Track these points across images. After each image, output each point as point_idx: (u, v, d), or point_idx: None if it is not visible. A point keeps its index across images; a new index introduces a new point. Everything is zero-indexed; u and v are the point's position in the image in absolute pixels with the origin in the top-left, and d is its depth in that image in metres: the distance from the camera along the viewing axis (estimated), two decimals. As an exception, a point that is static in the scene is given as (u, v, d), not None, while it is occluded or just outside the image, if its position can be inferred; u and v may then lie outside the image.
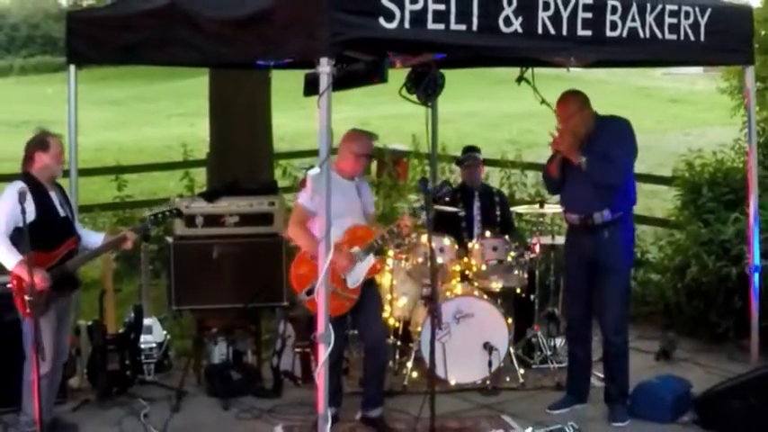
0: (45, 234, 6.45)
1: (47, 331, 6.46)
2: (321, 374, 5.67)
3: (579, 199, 7.02)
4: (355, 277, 6.74)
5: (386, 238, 6.93)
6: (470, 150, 9.02)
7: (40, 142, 6.64)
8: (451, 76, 8.20)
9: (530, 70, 7.62)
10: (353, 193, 6.90)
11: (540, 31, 6.10)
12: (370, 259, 6.84)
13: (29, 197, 6.27)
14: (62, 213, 6.68)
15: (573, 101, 6.97)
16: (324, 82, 5.44)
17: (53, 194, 6.66)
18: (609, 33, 6.42)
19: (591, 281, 7.07)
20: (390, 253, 8.11)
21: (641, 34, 6.59)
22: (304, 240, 6.66)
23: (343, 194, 6.65)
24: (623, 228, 6.96)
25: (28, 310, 6.31)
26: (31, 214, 6.30)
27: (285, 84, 8.75)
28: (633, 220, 7.26)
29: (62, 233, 6.65)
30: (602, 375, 7.56)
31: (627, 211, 7.00)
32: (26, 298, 6.29)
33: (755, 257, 7.75)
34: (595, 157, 6.79)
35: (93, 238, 6.98)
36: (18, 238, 6.33)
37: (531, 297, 8.43)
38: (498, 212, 8.82)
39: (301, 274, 6.73)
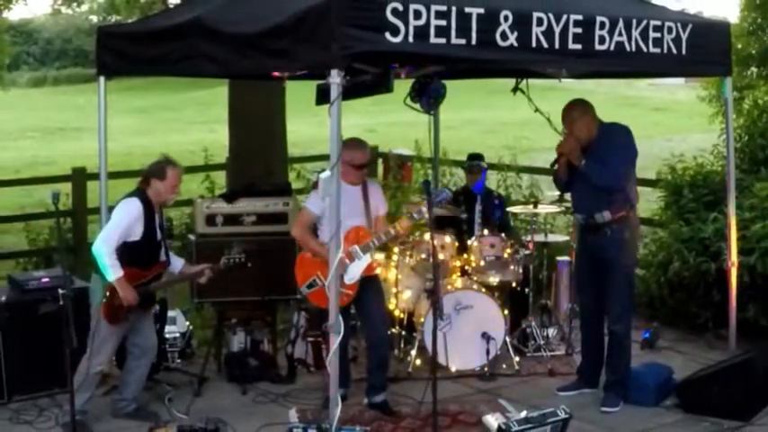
0: (143, 254, 6.55)
1: (111, 338, 6.61)
2: (332, 362, 5.68)
3: (583, 200, 7.07)
4: (351, 274, 6.72)
5: (382, 240, 6.92)
6: (476, 158, 9.00)
7: (159, 171, 6.59)
8: (452, 86, 8.22)
9: (524, 81, 7.62)
10: (357, 196, 6.88)
11: (533, 44, 6.10)
12: (367, 258, 6.83)
13: (141, 216, 6.41)
14: (159, 237, 6.68)
15: (576, 108, 6.98)
16: (334, 92, 5.45)
17: (157, 218, 6.65)
18: (597, 47, 6.42)
19: (597, 275, 7.07)
20: (396, 250, 8.12)
21: (627, 48, 6.58)
22: (306, 243, 6.90)
23: (347, 198, 6.65)
24: (625, 227, 6.93)
25: (109, 317, 6.47)
26: (137, 235, 6.44)
27: (298, 93, 8.76)
28: (636, 219, 7.20)
29: (156, 256, 6.69)
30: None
31: (627, 210, 6.95)
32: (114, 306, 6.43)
33: (733, 254, 7.74)
34: (594, 160, 6.82)
35: (175, 262, 6.99)
36: (122, 250, 6.42)
37: (526, 290, 8.43)
38: (498, 214, 8.82)
39: (303, 270, 6.89)
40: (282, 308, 8.40)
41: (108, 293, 6.44)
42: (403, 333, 8.08)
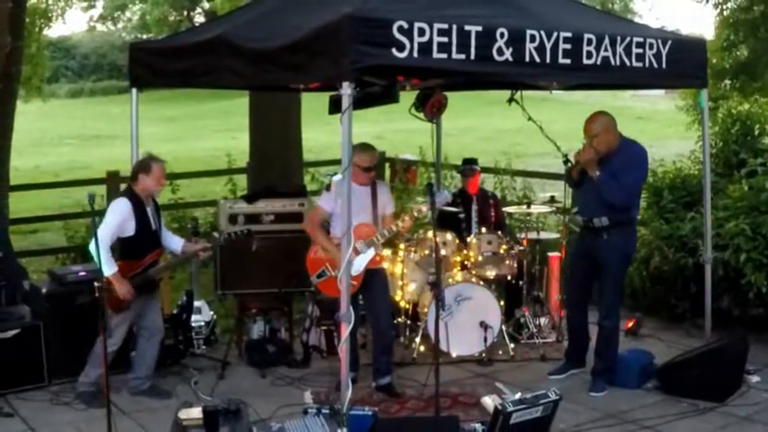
0: (138, 246, 6.55)
1: (123, 323, 6.64)
2: (343, 348, 5.67)
3: (585, 205, 6.99)
4: (356, 266, 6.71)
5: (385, 235, 6.91)
6: (470, 162, 8.99)
7: (145, 166, 6.68)
8: (453, 97, 8.22)
9: (519, 92, 7.61)
10: (366, 196, 6.88)
11: (527, 59, 6.08)
12: (371, 252, 6.83)
13: (131, 213, 6.43)
14: (153, 227, 6.69)
15: (599, 121, 6.86)
16: (345, 102, 5.45)
17: (149, 210, 6.66)
18: (585, 61, 6.40)
19: (588, 272, 7.05)
20: (401, 246, 8.12)
21: (613, 62, 6.56)
22: (316, 238, 6.91)
23: (356, 198, 6.65)
24: (621, 233, 6.85)
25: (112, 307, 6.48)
26: (131, 230, 6.45)
27: (313, 104, 8.77)
28: (634, 228, 7.15)
29: (151, 245, 6.68)
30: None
31: (625, 220, 6.87)
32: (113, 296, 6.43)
33: (708, 250, 7.73)
34: (609, 175, 6.70)
35: (173, 243, 6.97)
36: (118, 245, 6.48)
37: (520, 283, 8.42)
38: (492, 212, 8.81)
39: (313, 262, 6.93)
40: (298, 299, 8.41)
41: (108, 286, 6.42)
42: (408, 322, 8.08)
